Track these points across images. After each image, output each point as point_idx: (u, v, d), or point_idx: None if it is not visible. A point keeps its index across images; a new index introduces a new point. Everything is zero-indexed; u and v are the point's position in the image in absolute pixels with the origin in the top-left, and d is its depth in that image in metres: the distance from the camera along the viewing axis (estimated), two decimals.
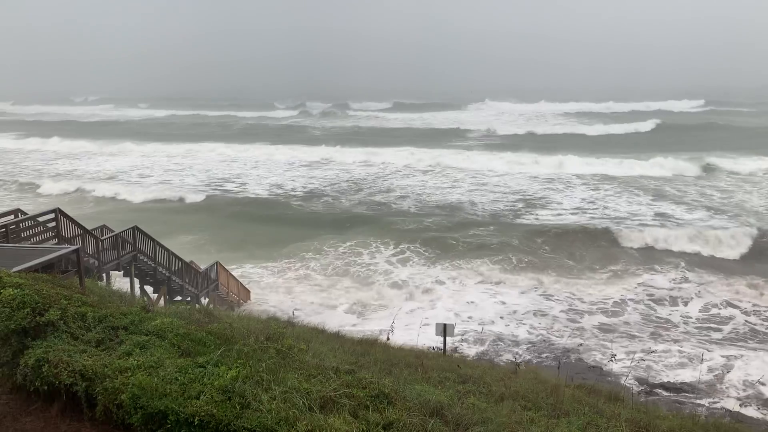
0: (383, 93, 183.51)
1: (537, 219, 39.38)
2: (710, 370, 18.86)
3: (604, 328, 22.90)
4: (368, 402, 5.76)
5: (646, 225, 36.70)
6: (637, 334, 22.34)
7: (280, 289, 27.53)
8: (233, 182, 54.32)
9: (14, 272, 8.15)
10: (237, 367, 5.87)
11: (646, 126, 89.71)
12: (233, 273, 26.72)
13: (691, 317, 24.07)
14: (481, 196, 46.97)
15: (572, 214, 40.62)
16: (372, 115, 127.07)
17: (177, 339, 6.63)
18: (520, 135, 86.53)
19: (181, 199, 46.98)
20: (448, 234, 34.99)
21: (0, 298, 6.77)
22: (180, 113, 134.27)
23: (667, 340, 21.60)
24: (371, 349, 11.77)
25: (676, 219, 38.19)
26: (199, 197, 47.43)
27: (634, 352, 19.81)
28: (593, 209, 41.79)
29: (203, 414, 5.12)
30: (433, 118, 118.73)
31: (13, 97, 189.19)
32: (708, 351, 20.10)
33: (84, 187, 50.58)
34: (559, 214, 40.40)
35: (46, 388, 5.90)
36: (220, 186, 52.91)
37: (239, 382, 5.58)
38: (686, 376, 18.50)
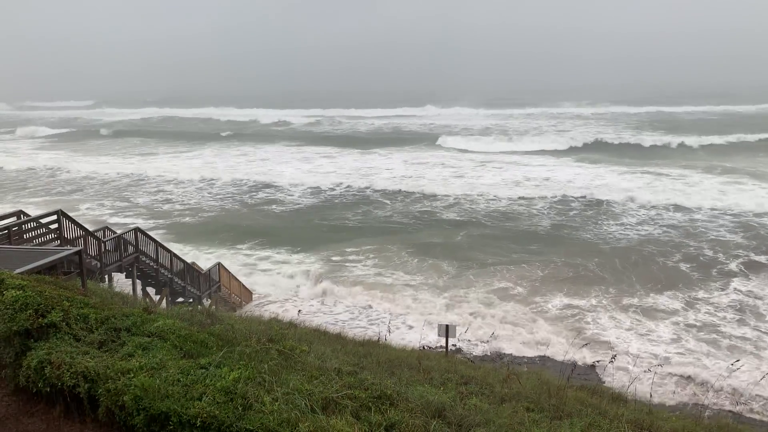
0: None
1: None
2: None
3: None
4: (370, 403, 5.76)
5: None
6: None
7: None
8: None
9: (17, 274, 8.15)
10: (239, 368, 5.88)
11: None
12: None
13: None
14: None
15: None
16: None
17: (179, 340, 6.63)
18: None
19: None
20: None
21: (2, 300, 6.77)
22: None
23: None
24: (373, 350, 11.75)
25: None
26: None
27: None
28: None
29: (205, 415, 5.12)
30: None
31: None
32: None
33: None
34: None
35: (48, 389, 5.90)
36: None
37: (241, 383, 5.58)
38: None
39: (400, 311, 24.75)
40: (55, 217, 18.07)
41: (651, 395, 13.76)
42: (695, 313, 24.06)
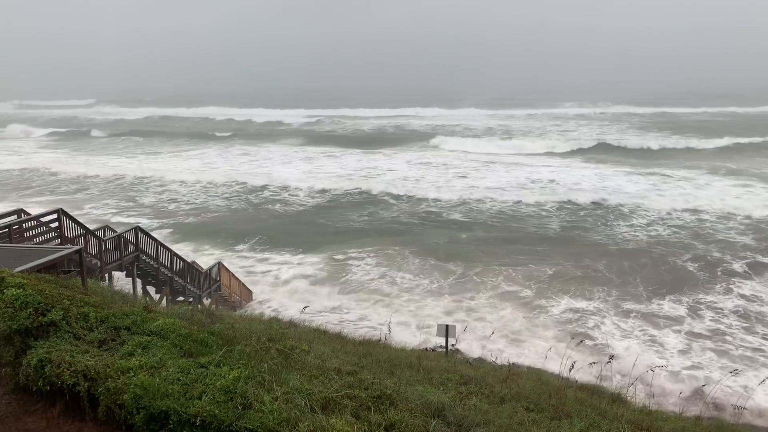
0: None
1: None
2: None
3: None
4: (370, 403, 5.75)
5: None
6: None
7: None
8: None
9: (17, 272, 8.17)
10: (239, 367, 5.88)
11: None
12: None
13: None
14: None
15: None
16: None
17: (179, 339, 6.64)
18: None
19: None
20: None
21: (3, 298, 6.79)
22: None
23: None
24: (373, 349, 11.75)
25: None
26: None
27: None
28: None
29: (205, 414, 5.13)
30: None
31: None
32: None
33: None
34: None
35: (48, 388, 5.91)
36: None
37: (241, 382, 5.58)
38: None
39: (403, 312, 24.72)
40: (55, 215, 18.09)
41: (652, 395, 13.75)
42: (700, 319, 23.99)
